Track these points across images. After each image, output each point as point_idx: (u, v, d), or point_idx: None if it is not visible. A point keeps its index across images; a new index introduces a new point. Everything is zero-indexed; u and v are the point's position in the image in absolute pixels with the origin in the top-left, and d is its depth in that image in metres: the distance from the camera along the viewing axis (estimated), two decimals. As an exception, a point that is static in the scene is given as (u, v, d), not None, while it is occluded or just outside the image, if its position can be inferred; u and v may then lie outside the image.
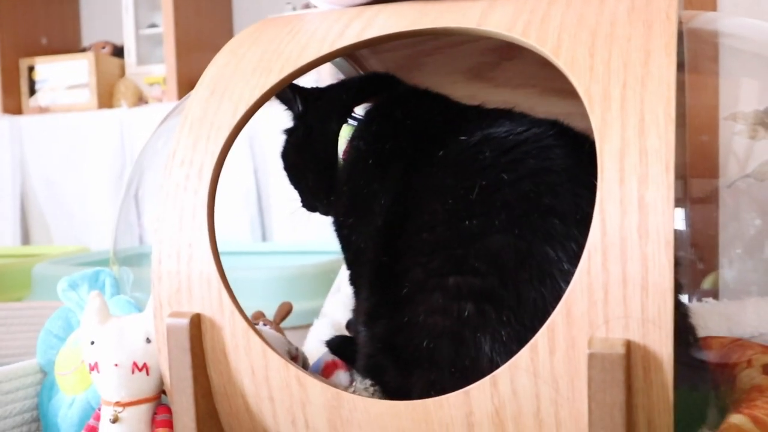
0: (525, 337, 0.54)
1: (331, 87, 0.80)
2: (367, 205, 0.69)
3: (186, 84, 2.54)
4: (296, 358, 0.83)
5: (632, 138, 0.49)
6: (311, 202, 0.80)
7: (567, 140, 0.61)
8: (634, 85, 0.50)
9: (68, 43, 3.01)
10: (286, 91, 0.77)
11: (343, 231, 0.74)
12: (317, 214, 0.81)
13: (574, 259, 0.54)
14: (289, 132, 0.80)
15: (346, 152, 0.74)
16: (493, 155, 0.62)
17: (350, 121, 0.75)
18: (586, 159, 0.58)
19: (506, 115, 0.69)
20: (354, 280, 0.74)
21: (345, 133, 0.74)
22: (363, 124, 0.74)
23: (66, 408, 0.72)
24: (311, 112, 0.77)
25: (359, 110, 0.76)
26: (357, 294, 0.73)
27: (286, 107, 0.79)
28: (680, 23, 0.55)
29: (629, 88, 0.50)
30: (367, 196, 0.70)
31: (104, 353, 0.65)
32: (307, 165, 0.78)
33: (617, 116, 0.50)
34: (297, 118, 0.78)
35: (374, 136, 0.72)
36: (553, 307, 0.53)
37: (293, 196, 0.82)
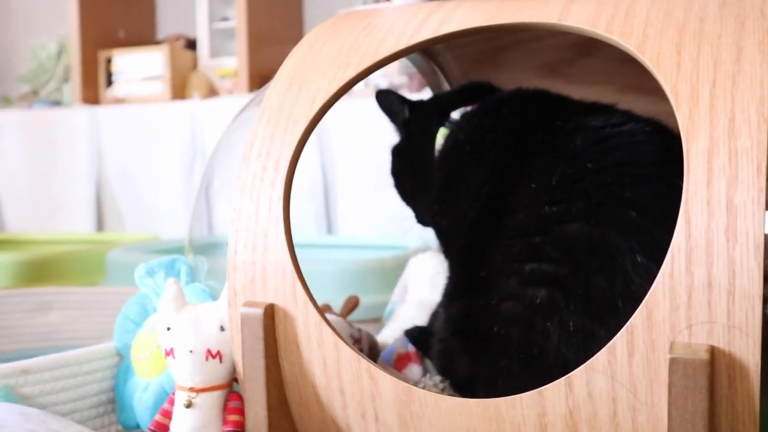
0: (591, 328, 0.54)
1: (433, 96, 0.83)
2: (459, 188, 0.70)
3: (257, 77, 2.58)
4: (360, 340, 0.83)
5: (721, 138, 0.47)
6: (422, 215, 0.80)
7: (660, 139, 0.61)
8: (725, 83, 0.49)
9: (144, 36, 3.10)
10: (391, 101, 0.79)
11: (436, 219, 0.75)
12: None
13: (649, 252, 0.54)
14: (395, 147, 0.81)
15: (442, 148, 0.75)
16: (584, 145, 0.62)
17: (446, 124, 0.76)
18: (675, 159, 0.58)
19: (607, 109, 0.69)
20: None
21: (440, 136, 0.76)
22: (464, 119, 0.75)
23: (141, 391, 0.73)
24: (414, 118, 0.79)
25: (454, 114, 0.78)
26: None
27: (389, 117, 0.80)
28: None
29: (719, 86, 0.49)
30: (461, 179, 0.70)
31: (180, 339, 0.66)
32: (406, 169, 0.79)
33: (706, 115, 0.48)
34: (401, 125, 0.80)
35: (475, 128, 0.73)
36: (622, 299, 0.53)
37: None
